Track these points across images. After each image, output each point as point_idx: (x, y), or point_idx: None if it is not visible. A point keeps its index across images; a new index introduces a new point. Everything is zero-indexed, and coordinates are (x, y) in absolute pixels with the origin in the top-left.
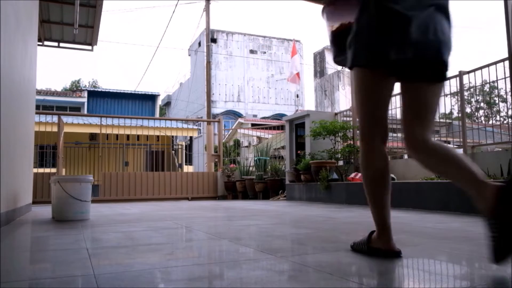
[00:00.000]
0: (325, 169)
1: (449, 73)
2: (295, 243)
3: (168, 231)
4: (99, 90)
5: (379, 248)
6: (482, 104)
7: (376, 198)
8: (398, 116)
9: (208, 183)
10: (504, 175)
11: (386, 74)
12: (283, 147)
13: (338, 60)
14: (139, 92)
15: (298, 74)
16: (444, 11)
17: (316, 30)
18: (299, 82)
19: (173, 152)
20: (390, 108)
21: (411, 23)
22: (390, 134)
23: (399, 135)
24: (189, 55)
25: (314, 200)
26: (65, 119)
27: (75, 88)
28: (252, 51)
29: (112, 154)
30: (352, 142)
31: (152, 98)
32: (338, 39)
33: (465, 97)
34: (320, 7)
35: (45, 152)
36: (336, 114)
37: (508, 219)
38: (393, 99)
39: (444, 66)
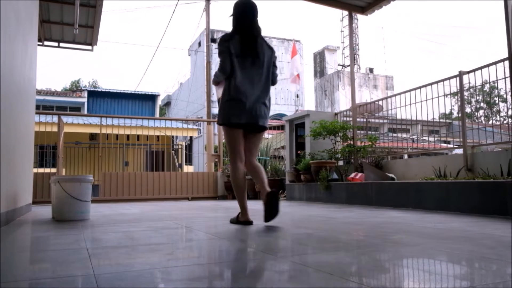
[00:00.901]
0: (325, 169)
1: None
2: (295, 243)
3: (168, 231)
4: (99, 90)
5: (244, 220)
6: (482, 104)
7: (240, 193)
8: (398, 116)
9: (208, 183)
10: (504, 175)
11: (237, 128)
12: (283, 147)
13: None
14: (139, 92)
15: (298, 75)
16: (266, 104)
17: (316, 30)
18: (299, 83)
19: (173, 152)
20: (390, 108)
21: (249, 100)
22: (390, 134)
23: (399, 135)
24: (189, 55)
25: (314, 200)
26: (65, 119)
27: (75, 88)
28: None
29: (112, 154)
30: (352, 142)
31: (152, 98)
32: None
33: (465, 97)
34: (320, 6)
35: (45, 152)
36: (336, 114)
37: (269, 206)
38: (393, 99)
39: (263, 127)
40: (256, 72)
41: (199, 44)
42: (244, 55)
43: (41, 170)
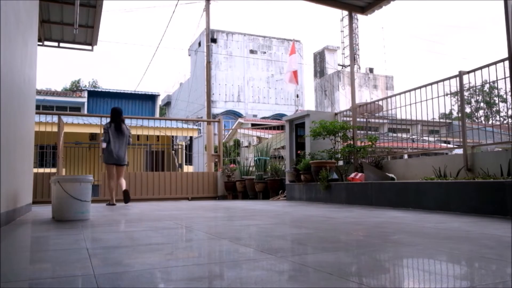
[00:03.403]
0: (325, 169)
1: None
2: (295, 243)
3: (168, 231)
4: (99, 90)
5: (112, 204)
6: (482, 104)
7: (112, 192)
8: (398, 116)
9: (208, 183)
10: (504, 175)
11: (111, 165)
12: (283, 147)
13: None
14: (139, 92)
15: (295, 72)
16: (124, 154)
17: (316, 30)
18: (297, 81)
19: (173, 152)
20: (390, 108)
21: (116, 153)
22: (390, 134)
23: (399, 135)
24: (189, 55)
25: (314, 200)
26: (65, 119)
27: (75, 88)
28: (252, 51)
29: None
30: (352, 142)
31: (152, 98)
32: None
33: (465, 97)
34: (320, 6)
35: (45, 152)
36: (336, 114)
37: (124, 197)
38: (393, 99)
39: (124, 164)
40: (121, 140)
41: (199, 44)
42: (115, 132)
43: (41, 170)
